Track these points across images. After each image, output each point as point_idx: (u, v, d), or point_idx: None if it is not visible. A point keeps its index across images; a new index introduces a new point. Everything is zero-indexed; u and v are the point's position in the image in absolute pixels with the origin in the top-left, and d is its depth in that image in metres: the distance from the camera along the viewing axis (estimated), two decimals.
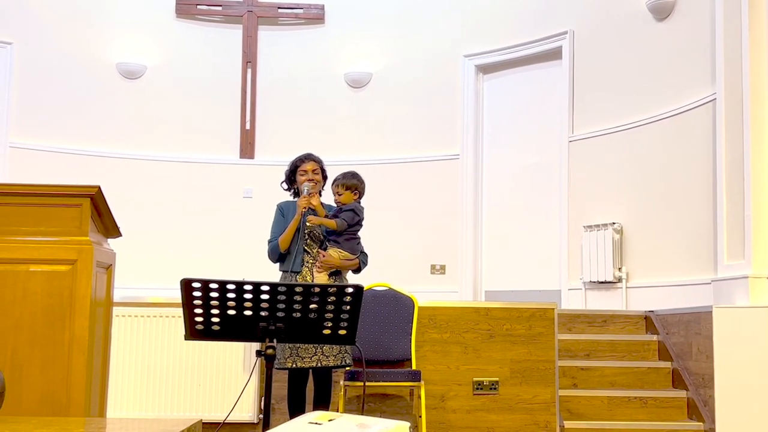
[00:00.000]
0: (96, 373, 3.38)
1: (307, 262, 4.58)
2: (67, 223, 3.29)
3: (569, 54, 7.93)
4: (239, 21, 9.03)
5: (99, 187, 3.33)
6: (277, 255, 4.62)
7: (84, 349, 3.20)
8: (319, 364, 4.42)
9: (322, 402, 4.56)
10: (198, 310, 3.23)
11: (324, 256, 4.55)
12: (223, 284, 3.17)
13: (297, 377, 4.54)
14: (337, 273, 4.61)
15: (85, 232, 3.29)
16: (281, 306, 3.22)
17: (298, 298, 3.21)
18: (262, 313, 3.22)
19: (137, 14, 8.82)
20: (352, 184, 4.76)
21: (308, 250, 4.60)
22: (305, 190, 4.58)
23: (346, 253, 4.60)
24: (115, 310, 4.67)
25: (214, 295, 3.19)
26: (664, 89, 7.05)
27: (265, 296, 3.19)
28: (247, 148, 8.89)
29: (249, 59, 8.98)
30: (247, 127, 8.91)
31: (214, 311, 3.23)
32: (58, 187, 3.31)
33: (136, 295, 5.93)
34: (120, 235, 3.72)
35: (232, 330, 3.28)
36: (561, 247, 7.86)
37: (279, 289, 3.18)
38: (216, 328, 3.28)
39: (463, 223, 8.50)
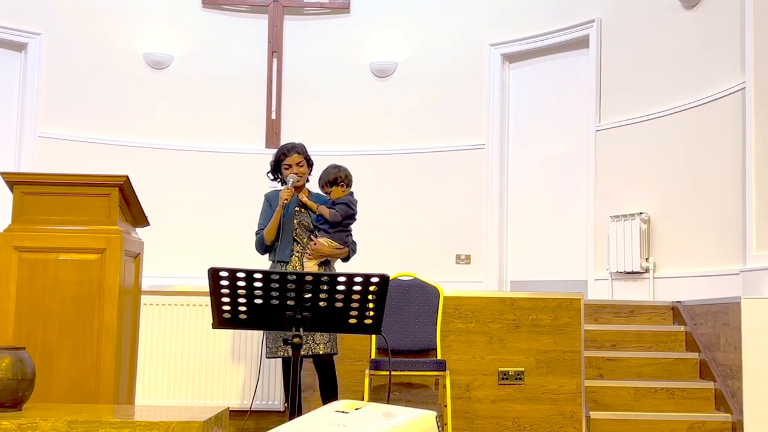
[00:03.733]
0: (124, 360, 3.41)
1: (297, 251, 4.58)
2: (96, 213, 3.32)
3: (596, 42, 7.87)
4: (265, 11, 9.04)
5: (127, 177, 3.36)
6: (264, 246, 4.61)
7: (113, 337, 3.23)
8: (309, 353, 4.41)
9: (329, 392, 4.52)
10: (225, 299, 3.25)
11: (315, 244, 4.55)
12: (250, 273, 3.18)
13: (289, 366, 4.53)
14: (326, 262, 4.61)
15: (114, 222, 3.32)
16: (307, 295, 3.23)
17: (324, 287, 3.22)
18: (289, 302, 3.24)
19: (164, 4, 8.85)
20: (334, 177, 4.69)
21: (298, 239, 4.59)
22: (290, 182, 4.56)
23: (335, 242, 4.61)
24: (143, 299, 4.71)
25: (241, 284, 3.21)
26: (692, 78, 6.98)
27: (291, 285, 3.20)
28: (272, 138, 8.91)
29: (275, 49, 9.00)
30: (273, 116, 8.93)
31: (241, 300, 3.25)
32: (87, 177, 3.34)
33: (164, 283, 5.97)
34: (148, 224, 3.75)
35: (258, 319, 3.30)
36: (587, 237, 7.82)
37: (305, 278, 3.19)
38: (243, 316, 3.30)
39: (489, 213, 8.48)
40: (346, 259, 4.72)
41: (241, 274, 3.19)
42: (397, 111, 8.88)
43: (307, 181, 4.77)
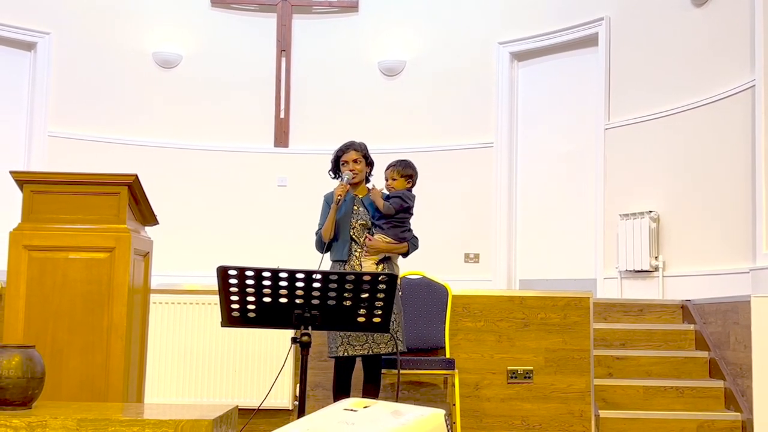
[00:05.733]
0: (134, 359, 3.42)
1: (355, 250, 4.58)
2: (106, 212, 3.33)
3: (605, 40, 7.85)
4: (273, 10, 9.04)
5: (136, 176, 3.36)
6: (322, 245, 4.62)
7: (122, 335, 3.24)
8: (370, 352, 4.41)
9: (373, 386, 4.54)
10: (234, 297, 3.25)
11: (371, 240, 4.56)
12: (258, 272, 3.19)
13: (345, 366, 4.53)
14: (386, 260, 4.61)
15: (123, 220, 3.32)
16: (316, 294, 3.23)
17: (332, 285, 3.23)
18: (297, 301, 3.24)
19: (172, 4, 8.87)
20: (408, 173, 4.74)
21: (356, 238, 4.59)
22: (344, 179, 4.59)
23: (388, 238, 4.60)
24: (153, 297, 4.71)
25: (250, 282, 3.22)
26: (701, 76, 6.95)
27: (300, 284, 3.20)
28: (281, 137, 8.92)
29: (283, 48, 9.00)
30: (282, 115, 8.94)
31: (250, 298, 3.25)
32: (96, 176, 3.35)
33: (173, 282, 5.99)
34: (157, 222, 3.76)
35: (267, 317, 3.31)
36: (596, 236, 7.80)
37: (314, 276, 3.19)
38: (252, 315, 3.30)
39: (497, 212, 8.47)
40: (405, 254, 4.70)
41: (249, 273, 3.19)
42: (406, 109, 8.88)
43: (368, 180, 4.77)
